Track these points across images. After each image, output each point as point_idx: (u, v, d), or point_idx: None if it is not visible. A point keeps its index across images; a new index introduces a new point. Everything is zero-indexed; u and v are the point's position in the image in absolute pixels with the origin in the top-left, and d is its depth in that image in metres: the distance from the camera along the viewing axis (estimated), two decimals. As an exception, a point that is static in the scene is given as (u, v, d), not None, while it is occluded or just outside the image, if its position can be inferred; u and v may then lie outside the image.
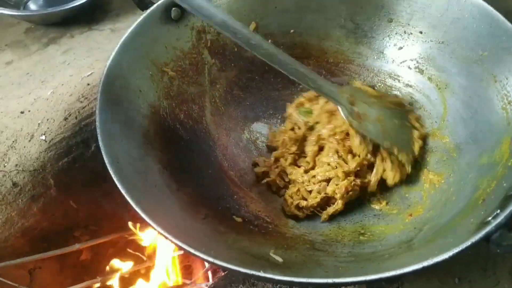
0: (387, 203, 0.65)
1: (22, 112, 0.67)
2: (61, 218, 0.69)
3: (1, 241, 0.65)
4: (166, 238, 0.45)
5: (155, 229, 0.45)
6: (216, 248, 0.50)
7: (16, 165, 0.63)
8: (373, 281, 0.40)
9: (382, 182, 0.66)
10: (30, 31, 0.89)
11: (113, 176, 0.49)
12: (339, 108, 0.65)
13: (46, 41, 0.86)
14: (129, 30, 0.63)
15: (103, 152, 0.51)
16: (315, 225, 0.64)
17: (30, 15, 0.88)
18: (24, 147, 0.64)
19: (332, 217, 0.64)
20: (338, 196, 0.63)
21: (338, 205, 0.63)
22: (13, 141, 0.64)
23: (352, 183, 0.63)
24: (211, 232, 0.55)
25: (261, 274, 0.41)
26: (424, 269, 0.40)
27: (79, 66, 0.74)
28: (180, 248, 0.44)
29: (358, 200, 0.66)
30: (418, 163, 0.67)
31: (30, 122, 0.65)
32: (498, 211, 0.44)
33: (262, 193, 0.69)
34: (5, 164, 0.63)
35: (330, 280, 0.40)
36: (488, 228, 0.42)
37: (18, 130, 0.65)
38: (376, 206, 0.65)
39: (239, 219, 0.61)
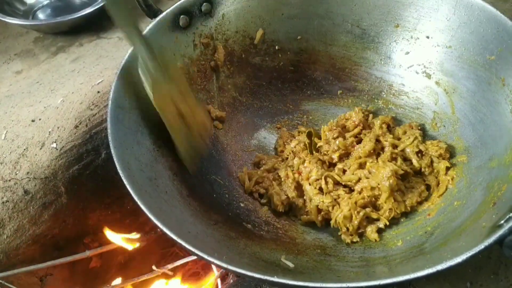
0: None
1: (33, 121, 0.68)
2: (72, 225, 0.69)
3: (12, 248, 0.65)
4: (179, 243, 0.45)
5: (167, 235, 0.46)
6: (227, 254, 0.50)
7: (28, 172, 0.64)
8: (387, 286, 0.40)
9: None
10: (39, 40, 0.90)
11: (125, 182, 0.50)
12: None
13: (54, 50, 0.87)
14: (139, 38, 0.63)
15: (115, 159, 0.51)
16: (326, 231, 0.65)
17: (39, 25, 0.89)
18: (35, 155, 0.64)
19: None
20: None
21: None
22: (24, 149, 0.65)
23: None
24: (222, 238, 0.55)
25: (275, 279, 0.41)
26: (437, 272, 0.40)
27: (89, 74, 0.75)
28: (193, 253, 0.44)
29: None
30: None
31: (41, 130, 0.66)
32: (511, 214, 0.44)
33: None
34: (17, 172, 0.64)
35: (344, 285, 0.40)
36: (501, 232, 0.42)
37: (29, 138, 0.66)
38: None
39: (249, 226, 0.62)
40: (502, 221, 0.44)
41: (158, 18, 0.66)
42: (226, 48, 0.74)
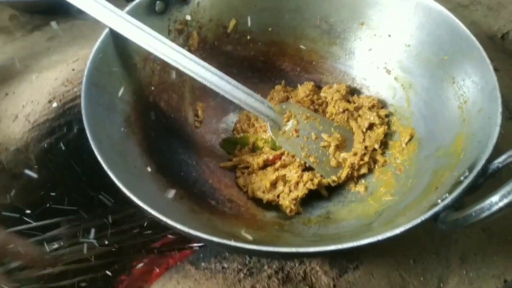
0: (365, 188, 0.71)
1: (6, 94, 0.69)
2: (39, 196, 0.71)
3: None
4: (146, 211, 0.48)
5: (134, 202, 0.49)
6: (191, 224, 0.54)
7: (-1, 143, 0.66)
8: (332, 252, 0.44)
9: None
10: (14, 18, 0.91)
11: (97, 155, 0.53)
12: (268, 125, 0.72)
13: (30, 28, 0.88)
14: (115, 19, 0.66)
15: (88, 133, 0.54)
16: (282, 215, 0.69)
17: (16, 1, 0.90)
18: (8, 127, 0.66)
19: (302, 204, 0.70)
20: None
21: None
22: (-4, 121, 0.67)
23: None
24: (187, 211, 0.59)
25: (232, 243, 0.45)
26: (378, 242, 0.45)
27: (64, 52, 0.77)
28: (159, 220, 0.48)
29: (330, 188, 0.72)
30: (384, 152, 0.74)
31: (14, 104, 0.68)
32: (447, 194, 0.49)
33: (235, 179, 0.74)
34: (-12, 143, 0.66)
35: (294, 250, 0.44)
36: (436, 209, 0.47)
37: (3, 111, 0.68)
38: (353, 189, 0.72)
39: (213, 202, 0.66)
40: (439, 200, 0.49)
41: (135, 2, 0.69)
42: (200, 35, 0.78)
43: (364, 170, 0.72)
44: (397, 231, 0.45)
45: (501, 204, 0.41)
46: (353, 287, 0.58)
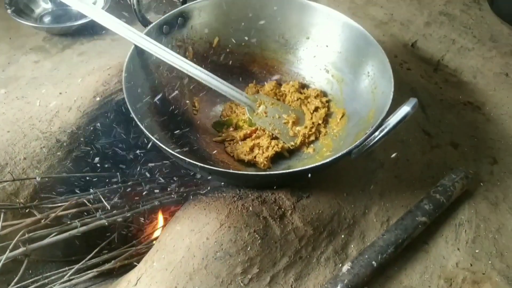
0: (314, 149, 1.01)
1: (60, 93, 0.97)
2: (86, 165, 0.99)
3: (44, 180, 0.94)
4: (144, 132, 0.77)
5: (166, 151, 0.78)
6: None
7: (59, 127, 0.93)
8: (283, 175, 0.75)
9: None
10: (47, 39, 1.19)
11: (132, 114, 0.79)
12: (246, 108, 1.01)
13: (62, 47, 1.16)
14: (138, 39, 0.95)
15: (131, 112, 0.82)
16: (258, 169, 0.98)
17: (51, 28, 1.18)
18: (65, 115, 0.94)
19: (271, 162, 0.99)
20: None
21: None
22: (56, 112, 0.94)
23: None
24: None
25: (199, 164, 0.74)
26: (311, 169, 0.75)
27: (96, 63, 1.05)
28: (180, 159, 0.76)
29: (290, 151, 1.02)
30: (325, 125, 1.04)
31: (67, 99, 0.96)
32: (357, 143, 0.79)
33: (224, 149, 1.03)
34: (51, 127, 0.93)
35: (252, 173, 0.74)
36: (349, 148, 0.78)
37: (60, 105, 0.95)
38: (306, 151, 1.01)
39: (210, 162, 0.95)
40: (352, 146, 0.80)
41: (150, 26, 0.97)
42: (193, 49, 1.06)
43: (312, 138, 1.01)
44: (324, 161, 0.76)
45: (379, 136, 0.73)
46: (306, 208, 0.88)
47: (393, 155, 1.01)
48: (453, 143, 1.12)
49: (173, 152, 0.76)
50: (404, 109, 0.71)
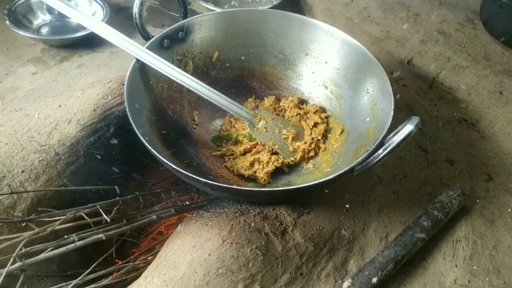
0: (313, 165, 1.01)
1: (59, 106, 0.96)
2: (84, 179, 0.98)
3: (42, 194, 0.92)
4: (148, 148, 0.77)
5: (169, 166, 0.77)
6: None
7: (59, 140, 0.92)
8: (289, 192, 0.75)
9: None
10: (45, 51, 1.18)
11: (135, 129, 0.80)
12: (246, 123, 1.02)
13: (60, 59, 1.16)
14: (140, 53, 0.95)
15: (132, 124, 0.81)
16: (258, 185, 0.99)
17: (49, 39, 1.18)
18: (64, 128, 0.93)
19: (271, 177, 0.99)
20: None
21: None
22: (55, 124, 0.93)
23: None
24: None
25: (203, 180, 0.74)
26: (315, 185, 0.76)
27: (96, 76, 1.05)
28: (183, 174, 0.76)
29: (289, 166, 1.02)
30: (324, 141, 1.05)
31: (67, 112, 0.95)
32: (359, 160, 0.80)
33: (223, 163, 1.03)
34: (50, 140, 0.92)
35: (256, 189, 0.74)
36: (352, 165, 0.79)
37: (59, 117, 0.94)
38: (305, 166, 1.01)
39: (210, 177, 0.94)
40: (355, 162, 0.81)
41: (151, 41, 0.98)
42: (194, 63, 1.07)
43: (312, 153, 1.02)
44: (326, 178, 0.77)
45: (383, 154, 0.73)
46: (307, 224, 0.88)
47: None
48: (449, 159, 1.14)
49: (177, 168, 0.76)
50: (408, 128, 0.72)
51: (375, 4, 1.40)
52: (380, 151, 0.74)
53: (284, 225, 0.85)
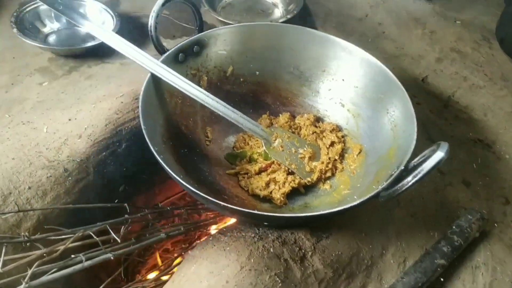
0: (330, 186, 0.98)
1: (69, 120, 0.93)
2: (93, 196, 0.94)
3: (49, 211, 0.88)
4: (165, 168, 0.74)
5: (184, 186, 0.74)
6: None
7: (68, 156, 0.88)
8: (304, 218, 0.72)
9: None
10: (53, 60, 1.14)
11: (149, 143, 0.77)
12: (262, 142, 0.99)
13: (68, 69, 1.12)
14: (154, 67, 0.92)
15: (147, 141, 0.78)
16: (274, 206, 0.96)
17: (58, 49, 1.14)
18: (74, 143, 0.89)
19: (287, 198, 0.96)
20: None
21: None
22: (65, 139, 0.89)
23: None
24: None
25: (255, 211, 0.71)
26: (340, 211, 0.73)
27: (106, 89, 1.01)
28: (183, 186, 0.73)
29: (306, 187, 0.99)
30: (341, 161, 1.02)
31: (78, 126, 0.91)
32: (384, 184, 0.78)
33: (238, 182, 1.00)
34: (59, 155, 0.88)
35: (271, 214, 0.71)
36: (376, 191, 0.76)
37: (69, 132, 0.91)
38: (322, 187, 0.98)
39: (225, 196, 0.91)
40: (379, 187, 0.78)
41: (165, 54, 0.94)
42: (208, 78, 1.04)
43: (329, 174, 0.99)
44: (346, 206, 0.73)
45: (412, 181, 0.70)
46: (326, 249, 0.85)
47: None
48: (465, 181, 1.11)
49: (196, 191, 0.73)
50: (438, 155, 0.69)
51: (390, 20, 1.38)
52: (410, 178, 0.71)
53: (303, 251, 0.82)
